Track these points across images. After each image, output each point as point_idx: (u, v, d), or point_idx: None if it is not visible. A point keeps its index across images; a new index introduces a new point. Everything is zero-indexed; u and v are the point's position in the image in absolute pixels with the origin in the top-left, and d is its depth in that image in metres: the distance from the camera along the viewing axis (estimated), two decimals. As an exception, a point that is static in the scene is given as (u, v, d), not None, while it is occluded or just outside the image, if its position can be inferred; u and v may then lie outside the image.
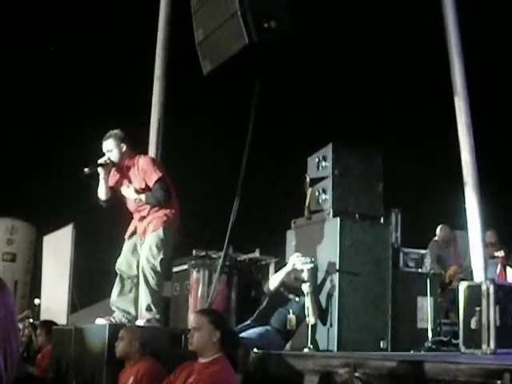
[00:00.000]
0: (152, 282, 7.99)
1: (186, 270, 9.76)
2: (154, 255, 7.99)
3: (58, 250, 14.22)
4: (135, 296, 8.22)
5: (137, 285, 8.19)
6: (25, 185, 15.57)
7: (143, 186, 8.12)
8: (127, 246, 8.37)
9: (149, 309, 7.96)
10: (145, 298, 8.01)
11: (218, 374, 5.13)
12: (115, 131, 8.19)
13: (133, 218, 8.41)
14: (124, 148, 8.18)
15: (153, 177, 8.08)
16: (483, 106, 9.81)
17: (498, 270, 11.53)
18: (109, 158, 8.16)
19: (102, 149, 8.23)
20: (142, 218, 8.24)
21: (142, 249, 8.14)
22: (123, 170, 8.24)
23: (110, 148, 8.14)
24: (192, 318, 5.69)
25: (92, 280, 15.59)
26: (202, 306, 8.92)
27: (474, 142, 9.32)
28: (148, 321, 7.87)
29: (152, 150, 10.14)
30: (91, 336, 7.85)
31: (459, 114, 9.36)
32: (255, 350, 6.93)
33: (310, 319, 7.80)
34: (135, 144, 8.50)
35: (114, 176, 8.35)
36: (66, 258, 13.49)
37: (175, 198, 8.32)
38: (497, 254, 10.92)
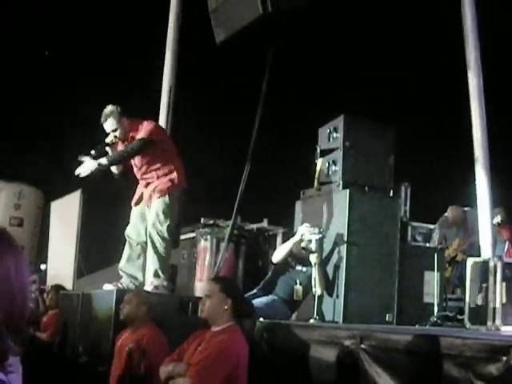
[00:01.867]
0: (160, 248, 8.03)
1: (193, 237, 9.77)
2: (160, 221, 8.02)
3: (66, 215, 14.24)
4: (143, 262, 8.25)
5: (145, 251, 8.22)
6: (33, 150, 15.56)
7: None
8: (135, 213, 8.40)
9: (156, 275, 8.00)
10: (152, 264, 8.04)
11: (227, 342, 5.15)
12: (110, 109, 8.17)
13: (139, 184, 8.44)
14: (126, 122, 8.19)
15: (140, 134, 8.10)
16: (497, 82, 9.74)
17: (506, 248, 11.51)
18: (115, 137, 8.17)
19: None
20: (147, 185, 8.27)
21: (149, 215, 8.16)
22: (130, 141, 8.25)
23: (114, 127, 8.14)
24: (204, 286, 5.70)
25: (99, 246, 15.63)
26: (209, 275, 8.95)
27: (486, 118, 9.28)
28: (156, 287, 7.90)
29: (163, 118, 10.14)
30: (98, 301, 7.88)
31: (472, 91, 9.31)
32: (261, 319, 6.95)
33: (317, 290, 7.80)
34: (144, 114, 8.50)
35: (122, 146, 8.37)
36: (74, 224, 13.51)
37: (179, 161, 8.32)
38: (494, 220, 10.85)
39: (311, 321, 7.54)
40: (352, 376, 5.59)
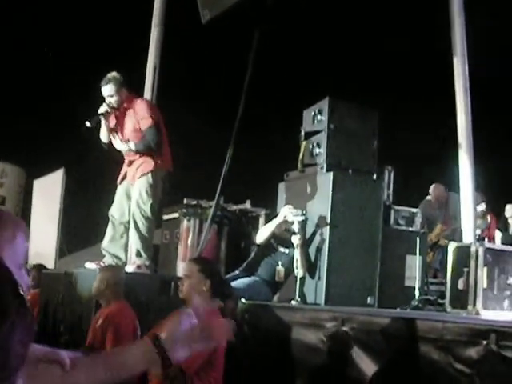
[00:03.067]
0: (142, 227, 8.02)
1: (176, 218, 9.75)
2: (143, 201, 8.01)
3: (48, 194, 14.19)
4: (126, 242, 8.24)
5: (128, 231, 8.21)
6: (15, 128, 15.47)
7: (137, 127, 8.12)
8: (119, 192, 8.39)
9: (138, 254, 7.99)
10: (134, 244, 8.04)
11: (206, 323, 5.14)
12: (114, 75, 8.14)
13: (123, 162, 8.42)
14: (124, 93, 8.17)
15: (145, 121, 8.08)
16: (482, 69, 9.75)
17: (485, 225, 11.58)
18: (109, 106, 8.14)
19: (98, 93, 8.20)
20: (131, 163, 8.26)
21: (132, 194, 8.15)
22: (121, 112, 8.22)
23: (111, 93, 8.11)
24: (184, 266, 5.70)
25: (81, 225, 15.57)
26: (191, 255, 8.94)
27: (470, 104, 9.30)
28: (138, 267, 7.90)
29: (147, 97, 10.10)
30: (80, 280, 7.87)
31: (457, 77, 9.33)
32: (243, 300, 6.95)
33: (299, 272, 7.81)
34: (130, 90, 8.47)
35: (112, 119, 8.34)
36: (56, 203, 13.46)
37: (167, 144, 8.31)
38: (479, 207, 10.90)
39: (293, 302, 7.55)
40: (334, 358, 5.61)
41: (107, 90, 8.13)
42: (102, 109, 8.15)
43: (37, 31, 14.79)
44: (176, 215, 9.77)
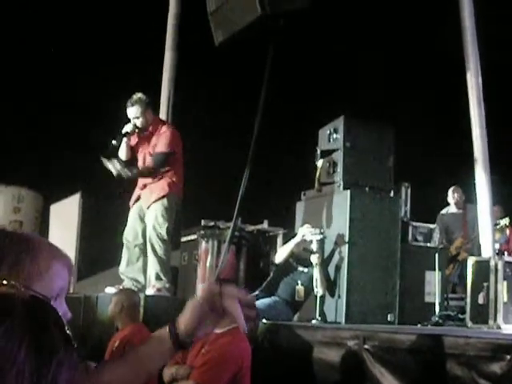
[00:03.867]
0: (159, 250, 8.04)
1: (194, 240, 9.76)
2: (160, 224, 8.05)
3: (65, 218, 14.22)
4: (143, 264, 8.26)
5: (144, 253, 8.23)
6: (32, 153, 15.53)
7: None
8: (132, 215, 8.42)
9: (158, 278, 8.01)
10: (153, 267, 8.06)
11: (230, 344, 5.15)
12: (140, 96, 8.17)
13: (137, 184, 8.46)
14: (150, 115, 8.20)
15: (163, 147, 8.11)
16: (495, 81, 9.75)
17: (504, 240, 11.52)
18: (135, 125, 8.18)
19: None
20: (144, 186, 8.29)
21: (147, 218, 8.17)
22: (145, 135, 8.26)
23: (137, 115, 8.14)
24: (203, 288, 5.69)
25: (99, 249, 15.60)
26: (210, 276, 8.94)
27: (485, 117, 9.29)
28: (158, 290, 7.91)
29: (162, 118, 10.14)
30: (100, 304, 7.89)
31: (471, 90, 9.33)
32: (264, 320, 6.95)
33: (319, 290, 7.82)
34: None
35: (135, 139, 8.38)
36: (73, 227, 13.49)
37: (181, 172, 8.33)
38: (503, 221, 10.84)
39: (313, 322, 7.55)
40: (356, 377, 5.59)
41: (133, 111, 8.16)
42: (128, 128, 8.19)
43: (52, 56, 14.89)
44: (194, 237, 9.78)
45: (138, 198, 8.43)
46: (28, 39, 14.43)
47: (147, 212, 8.23)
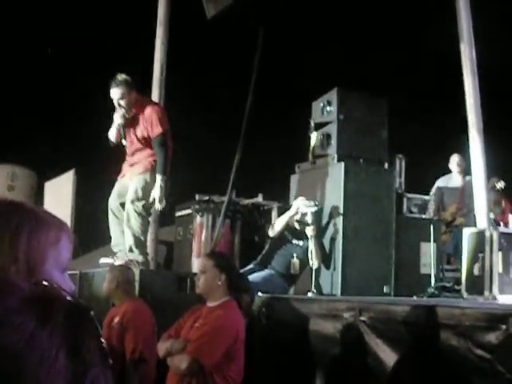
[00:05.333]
0: (135, 224, 8.07)
1: (189, 214, 9.75)
2: (139, 198, 8.06)
3: (59, 196, 14.19)
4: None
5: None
6: (25, 131, 15.48)
7: (145, 135, 8.15)
8: (116, 187, 8.43)
9: (130, 250, 8.04)
10: (127, 240, 8.09)
11: (224, 317, 5.15)
12: (124, 77, 8.12)
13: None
14: (133, 96, 8.16)
15: (155, 130, 8.09)
16: (489, 52, 9.71)
17: (499, 210, 11.49)
18: (124, 116, 8.15)
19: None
20: (132, 165, 8.30)
21: (128, 192, 8.19)
22: (131, 115, 8.23)
23: (120, 96, 8.09)
24: (198, 262, 5.70)
25: (94, 226, 15.59)
26: (205, 250, 8.94)
27: (479, 88, 9.27)
28: (129, 261, 7.91)
29: (155, 94, 10.11)
30: (96, 280, 7.88)
31: (465, 61, 9.29)
32: (259, 293, 6.95)
33: (314, 263, 7.83)
34: (139, 90, 8.47)
35: (128, 127, 8.37)
36: (68, 204, 13.47)
37: (171, 149, 8.31)
38: (498, 185, 10.77)
39: (309, 294, 7.56)
40: (352, 348, 5.61)
41: (116, 92, 8.12)
42: (119, 120, 8.18)
43: (45, 31, 14.81)
44: (189, 211, 9.77)
45: (124, 175, 8.44)
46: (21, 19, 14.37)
47: (129, 185, 8.24)
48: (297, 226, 8.19)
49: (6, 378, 1.08)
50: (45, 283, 1.30)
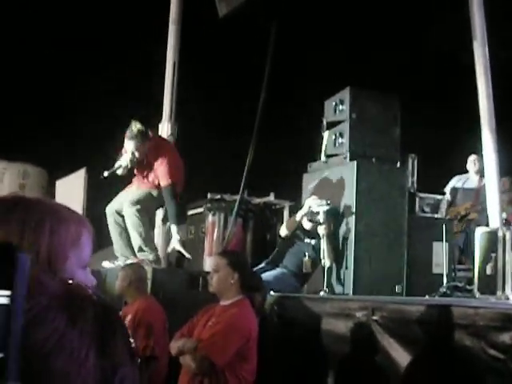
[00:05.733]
0: (138, 224, 8.11)
1: (201, 213, 9.75)
2: (139, 201, 8.11)
3: (71, 194, 14.21)
4: (127, 239, 8.34)
5: (124, 228, 8.31)
6: (37, 129, 15.51)
7: (155, 182, 8.20)
8: (121, 195, 8.47)
9: (140, 250, 8.07)
10: (135, 242, 8.14)
11: (237, 316, 5.16)
12: (138, 129, 8.09)
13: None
14: (147, 145, 8.15)
15: (164, 180, 8.12)
16: (503, 51, 9.69)
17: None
18: (131, 160, 8.17)
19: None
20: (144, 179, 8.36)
21: (130, 195, 8.22)
22: (144, 162, 8.27)
23: (135, 149, 8.10)
24: (211, 260, 5.70)
25: (104, 224, 15.61)
26: (217, 249, 8.94)
27: (492, 87, 9.24)
28: (141, 261, 7.96)
29: (167, 94, 10.11)
30: (109, 277, 7.91)
31: (478, 59, 9.26)
32: (271, 292, 6.95)
33: (326, 262, 7.82)
34: (149, 91, 8.47)
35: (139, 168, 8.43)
36: (79, 203, 13.49)
37: (181, 171, 8.32)
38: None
39: (321, 293, 7.55)
40: (364, 348, 5.60)
41: (131, 145, 8.13)
42: (124, 162, 8.22)
43: (54, 30, 14.83)
44: (200, 210, 9.78)
45: (131, 185, 8.52)
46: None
47: (134, 192, 8.30)
48: (308, 225, 8.18)
49: (36, 377, 1.07)
50: (70, 281, 1.28)
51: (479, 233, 7.83)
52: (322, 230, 7.88)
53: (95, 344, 1.15)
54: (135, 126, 8.11)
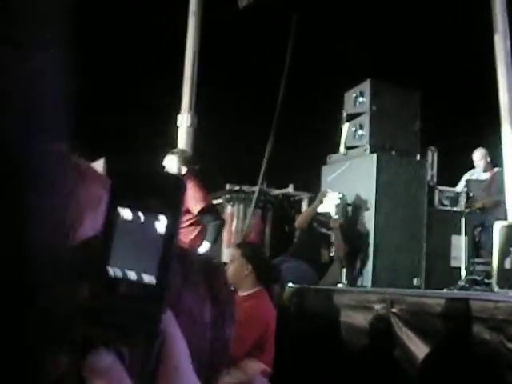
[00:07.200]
0: None
1: (220, 204, 9.76)
2: None
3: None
4: None
5: None
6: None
7: (185, 208, 8.10)
8: None
9: None
10: None
11: (255, 308, 5.15)
12: (184, 152, 8.03)
13: None
14: (183, 171, 8.07)
15: (197, 206, 8.02)
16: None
17: None
18: None
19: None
20: None
21: None
22: None
23: (171, 166, 8.01)
24: (228, 252, 5.71)
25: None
26: (236, 240, 8.96)
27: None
28: None
29: (187, 85, 10.11)
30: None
31: (499, 53, 9.22)
32: (290, 284, 6.95)
33: (342, 254, 7.82)
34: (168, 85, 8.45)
35: None
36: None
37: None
38: None
39: (339, 285, 7.55)
40: (383, 340, 5.60)
41: (170, 160, 8.03)
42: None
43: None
44: (220, 201, 9.78)
45: None
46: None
47: None
48: (321, 217, 8.18)
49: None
50: None
51: (498, 227, 7.81)
52: (333, 222, 7.88)
53: (208, 301, 1.14)
54: (179, 148, 8.05)
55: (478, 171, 11.11)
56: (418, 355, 5.14)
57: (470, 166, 11.03)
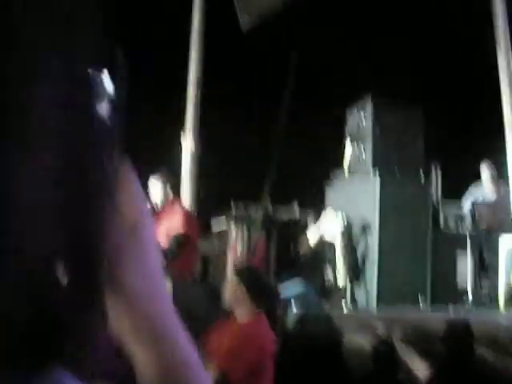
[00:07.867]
0: None
1: (225, 229, 9.71)
2: None
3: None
4: None
5: None
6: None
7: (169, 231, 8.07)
8: None
9: None
10: None
11: (250, 332, 5.09)
12: (168, 177, 8.00)
13: None
14: (170, 196, 8.03)
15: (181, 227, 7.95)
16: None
17: None
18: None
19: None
20: None
21: None
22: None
23: (158, 192, 7.96)
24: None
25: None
26: (239, 264, 8.90)
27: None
28: None
29: (190, 109, 10.08)
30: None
31: (502, 68, 9.24)
32: (293, 308, 6.90)
33: (345, 276, 7.79)
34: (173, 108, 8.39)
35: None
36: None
37: (194, 250, 8.16)
38: None
39: (344, 307, 7.50)
40: (386, 363, 5.55)
41: (157, 188, 7.98)
42: None
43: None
44: (224, 228, 9.74)
45: None
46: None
47: None
48: (324, 239, 8.16)
49: None
50: None
51: (505, 247, 7.78)
52: (337, 243, 7.87)
53: None
54: (164, 172, 8.02)
55: (485, 191, 11.02)
56: (421, 377, 5.10)
57: (474, 176, 10.93)
